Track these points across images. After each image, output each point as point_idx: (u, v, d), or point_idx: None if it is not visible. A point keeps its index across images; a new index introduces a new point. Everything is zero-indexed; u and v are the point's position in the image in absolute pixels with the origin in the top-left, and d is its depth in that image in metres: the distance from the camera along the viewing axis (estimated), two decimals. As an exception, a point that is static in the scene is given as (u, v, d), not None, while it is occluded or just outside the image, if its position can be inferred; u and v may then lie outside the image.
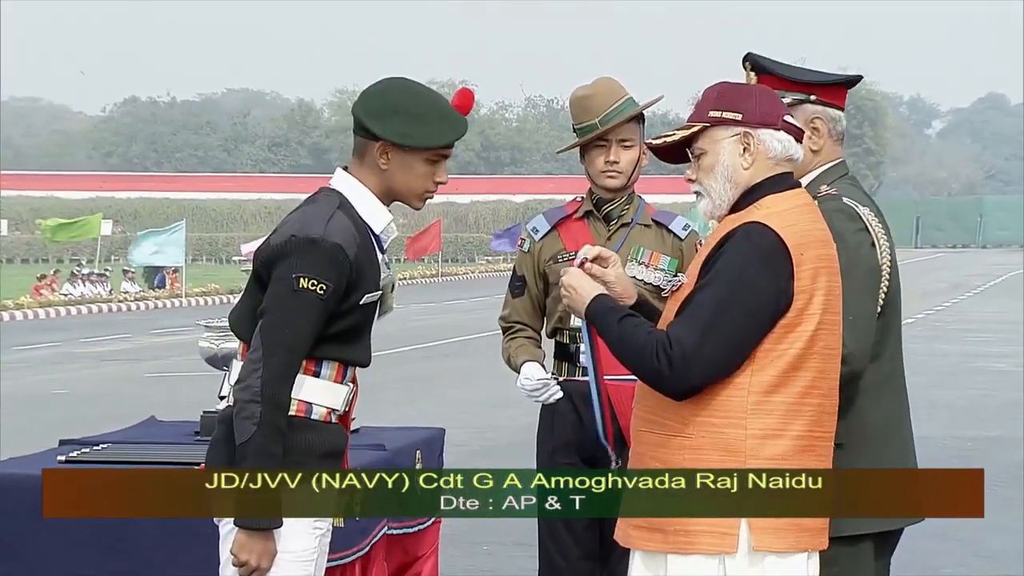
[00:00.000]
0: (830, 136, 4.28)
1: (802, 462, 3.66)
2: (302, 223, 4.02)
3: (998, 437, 13.95)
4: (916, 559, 8.42)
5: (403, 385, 17.36)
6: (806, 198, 3.82)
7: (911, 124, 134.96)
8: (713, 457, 3.63)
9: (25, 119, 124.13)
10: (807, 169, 4.22)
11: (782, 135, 3.79)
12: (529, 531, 5.82)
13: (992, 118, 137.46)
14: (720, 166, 3.78)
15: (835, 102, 4.30)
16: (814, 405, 3.68)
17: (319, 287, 3.94)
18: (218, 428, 4.15)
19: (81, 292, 39.53)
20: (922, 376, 18.58)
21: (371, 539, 5.24)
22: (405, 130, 4.05)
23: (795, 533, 3.67)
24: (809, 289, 3.66)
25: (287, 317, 3.94)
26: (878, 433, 4.17)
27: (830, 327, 3.72)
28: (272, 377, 3.92)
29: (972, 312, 32.39)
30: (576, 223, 5.43)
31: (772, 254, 3.64)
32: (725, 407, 3.63)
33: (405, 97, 4.10)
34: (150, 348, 24.99)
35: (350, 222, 4.04)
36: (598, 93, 5.35)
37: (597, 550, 5.33)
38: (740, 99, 3.80)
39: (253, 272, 4.10)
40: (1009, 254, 71.61)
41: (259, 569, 3.96)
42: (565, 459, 5.34)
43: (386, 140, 4.06)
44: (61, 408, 16.30)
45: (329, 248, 3.96)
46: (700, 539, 3.64)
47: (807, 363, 3.66)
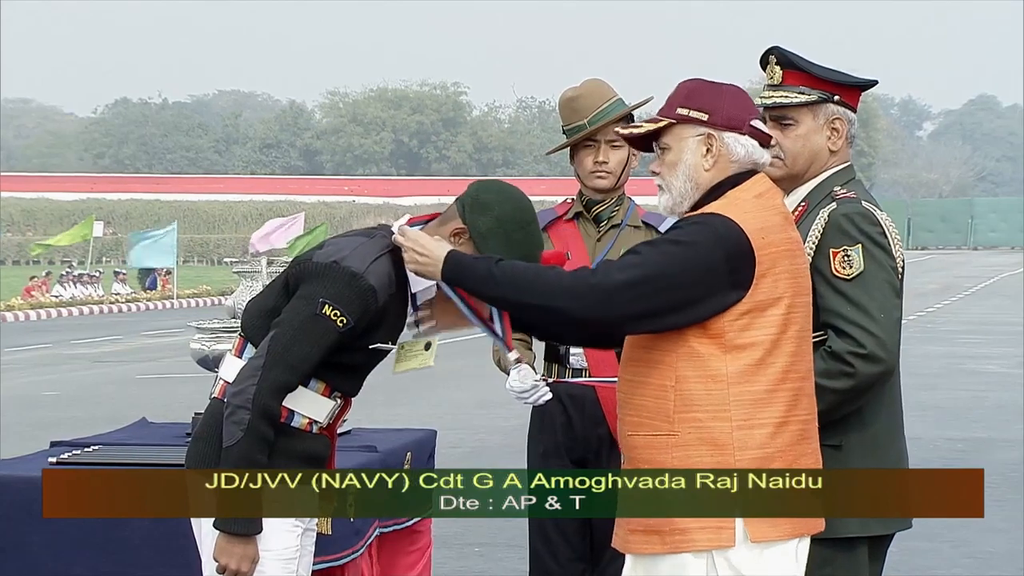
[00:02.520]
0: (847, 137, 4.31)
1: (790, 447, 3.67)
2: (350, 253, 4.03)
3: (989, 438, 13.97)
4: (908, 560, 8.44)
5: (394, 386, 17.34)
6: (766, 184, 3.82)
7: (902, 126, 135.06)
8: (702, 452, 3.63)
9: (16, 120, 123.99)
10: (823, 168, 4.25)
11: (747, 140, 3.79)
12: (520, 532, 5.82)
13: (983, 120, 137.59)
14: (683, 164, 3.79)
15: (853, 104, 4.33)
16: (794, 388, 3.69)
17: (340, 319, 3.96)
18: (201, 424, 4.16)
19: (72, 294, 39.48)
20: (913, 377, 18.62)
21: (365, 540, 5.24)
22: (488, 235, 4.05)
23: (790, 521, 3.67)
24: (773, 273, 3.67)
25: (300, 337, 3.96)
26: (878, 436, 4.18)
27: (802, 309, 3.73)
28: (267, 389, 3.93)
29: (963, 314, 32.43)
30: (566, 225, 5.43)
31: (728, 234, 3.66)
32: (707, 401, 3.64)
33: (514, 217, 4.08)
34: (141, 350, 24.96)
35: (392, 270, 4.05)
36: (587, 94, 5.36)
37: (588, 551, 5.33)
38: (709, 99, 3.80)
39: (284, 275, 4.11)
40: (1000, 255, 71.70)
41: (239, 573, 3.97)
42: (555, 461, 5.34)
43: (468, 229, 4.06)
44: (52, 409, 16.28)
45: (364, 288, 3.98)
46: (697, 536, 3.64)
47: (782, 347, 3.67)
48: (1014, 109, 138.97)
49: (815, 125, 4.20)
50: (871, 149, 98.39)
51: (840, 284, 4.01)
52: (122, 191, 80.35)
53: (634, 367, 3.77)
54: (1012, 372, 20.07)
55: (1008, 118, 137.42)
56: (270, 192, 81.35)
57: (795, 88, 4.22)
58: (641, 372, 3.73)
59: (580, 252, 5.35)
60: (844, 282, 4.01)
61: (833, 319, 4.00)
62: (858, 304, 4.00)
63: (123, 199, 77.03)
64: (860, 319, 3.99)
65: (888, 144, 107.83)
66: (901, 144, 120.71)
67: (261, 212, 72.72)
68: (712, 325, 3.65)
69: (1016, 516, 10.17)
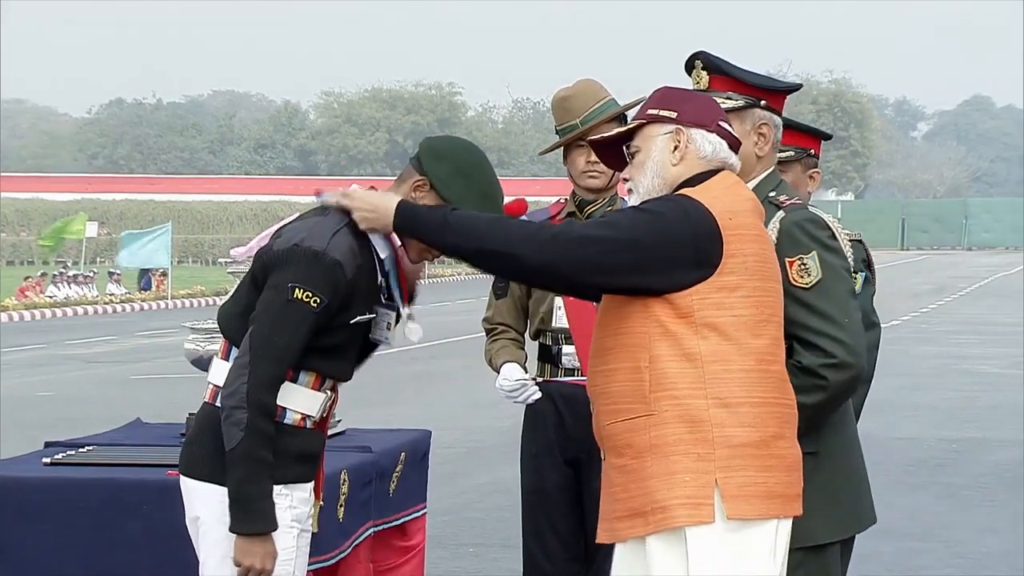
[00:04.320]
0: (772, 143, 4.27)
1: (768, 427, 3.70)
2: (307, 233, 4.02)
3: (983, 438, 13.98)
4: (900, 560, 8.45)
5: (389, 387, 17.35)
6: (733, 178, 3.85)
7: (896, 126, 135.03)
8: (680, 429, 3.66)
9: (10, 121, 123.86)
10: (750, 174, 4.20)
11: (714, 138, 3.82)
12: (515, 533, 5.83)
13: (977, 120, 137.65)
14: (650, 161, 3.83)
15: (779, 109, 4.30)
16: (773, 372, 3.73)
17: (313, 300, 3.96)
18: (193, 428, 4.17)
19: (66, 294, 39.43)
20: (907, 378, 18.64)
21: (353, 540, 5.25)
22: (449, 180, 4.06)
23: (765, 500, 3.70)
24: (742, 254, 3.70)
25: (278, 327, 3.96)
26: (851, 440, 4.20)
27: (774, 294, 3.77)
28: (258, 384, 3.94)
29: (957, 314, 32.45)
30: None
31: (695, 214, 3.70)
32: (682, 379, 3.67)
33: (470, 160, 4.11)
34: (136, 350, 24.95)
35: (354, 240, 4.04)
36: (579, 94, 5.38)
37: (582, 552, 5.34)
38: (679, 101, 3.85)
39: (250, 272, 4.11)
40: (994, 256, 71.75)
41: (264, 571, 3.99)
42: (548, 460, 5.36)
43: (428, 178, 4.08)
44: (46, 410, 16.28)
45: (329, 264, 3.97)
46: (677, 512, 3.66)
47: (757, 329, 3.71)
48: (1008, 110, 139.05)
49: (742, 131, 4.13)
50: (865, 150, 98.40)
51: (800, 294, 3.96)
52: (117, 191, 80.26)
53: (604, 356, 3.80)
54: (1006, 372, 20.10)
55: (1002, 119, 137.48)
56: (265, 192, 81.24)
57: (722, 94, 4.18)
58: (612, 359, 3.77)
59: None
60: (804, 291, 3.98)
61: (799, 331, 3.95)
62: (822, 313, 3.96)
63: (118, 199, 76.94)
64: (826, 328, 3.95)
65: (882, 144, 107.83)
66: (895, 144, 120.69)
67: (256, 212, 72.70)
68: (680, 303, 3.68)
69: (1009, 516, 10.18)
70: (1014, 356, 22.25)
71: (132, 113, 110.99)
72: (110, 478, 5.07)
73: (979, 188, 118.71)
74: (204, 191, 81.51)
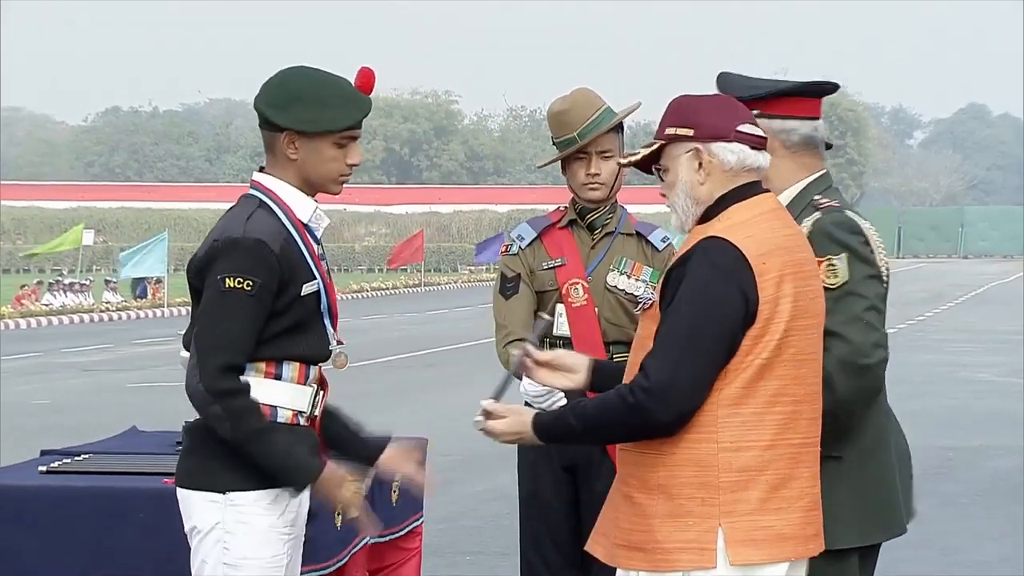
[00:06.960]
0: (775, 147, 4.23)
1: (777, 470, 3.65)
2: (223, 228, 4.06)
3: (979, 446, 13.99)
4: (897, 568, 8.44)
5: (386, 394, 17.35)
6: (772, 203, 3.81)
7: (893, 134, 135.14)
8: (687, 472, 3.63)
9: (7, 129, 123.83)
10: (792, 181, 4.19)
11: (735, 146, 3.77)
12: (512, 541, 5.82)
13: (973, 128, 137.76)
14: (680, 182, 3.80)
15: (780, 112, 4.25)
16: (787, 412, 3.67)
17: (246, 283, 3.96)
18: (186, 439, 4.17)
19: (63, 302, 39.43)
20: (904, 386, 18.63)
21: (351, 549, 5.24)
22: (308, 116, 4.07)
23: (775, 543, 3.66)
24: (773, 298, 3.65)
25: (217, 318, 3.98)
26: (880, 445, 4.17)
27: (803, 332, 3.70)
28: (210, 375, 3.95)
29: (954, 322, 32.48)
30: (560, 232, 5.44)
31: (733, 268, 3.64)
32: (696, 421, 3.63)
33: (304, 84, 4.12)
34: (132, 358, 24.93)
35: (271, 218, 4.06)
36: (575, 106, 5.36)
37: (579, 559, 5.33)
38: (693, 113, 3.80)
39: (191, 289, 4.12)
40: (990, 264, 71.81)
41: (354, 496, 4.07)
42: (545, 468, 5.34)
43: (291, 129, 4.08)
44: (42, 418, 16.27)
45: (251, 245, 3.98)
46: (679, 556, 3.64)
47: (774, 371, 3.65)
48: (1004, 118, 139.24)
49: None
50: (862, 158, 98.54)
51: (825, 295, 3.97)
52: (113, 199, 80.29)
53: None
54: (1003, 380, 20.11)
55: (998, 127, 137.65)
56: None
57: None
58: None
59: (575, 259, 5.36)
60: (829, 292, 3.98)
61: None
62: (841, 315, 3.96)
63: (114, 207, 76.95)
64: (841, 330, 3.94)
65: (879, 153, 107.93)
66: (892, 153, 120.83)
67: (252, 220, 72.66)
68: None
69: (1007, 524, 10.18)
70: (1011, 364, 22.27)
71: (128, 121, 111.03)
72: (106, 486, 5.07)
73: (975, 196, 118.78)
74: (200, 199, 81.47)
